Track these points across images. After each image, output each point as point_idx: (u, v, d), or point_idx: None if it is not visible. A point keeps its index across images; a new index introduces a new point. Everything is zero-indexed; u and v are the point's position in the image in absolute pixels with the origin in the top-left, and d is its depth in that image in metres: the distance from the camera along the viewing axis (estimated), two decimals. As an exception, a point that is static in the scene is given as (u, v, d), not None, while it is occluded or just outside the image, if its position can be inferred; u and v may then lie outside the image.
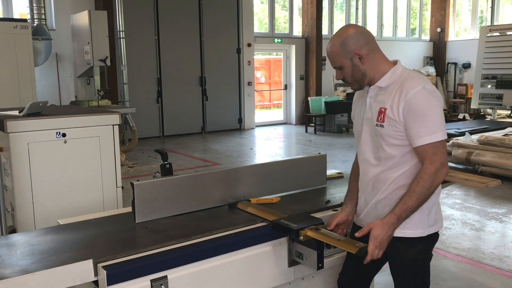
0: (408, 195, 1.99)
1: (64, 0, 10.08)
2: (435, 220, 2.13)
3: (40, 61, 9.12)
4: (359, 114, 2.23)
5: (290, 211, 2.43)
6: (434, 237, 2.15)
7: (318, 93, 13.81)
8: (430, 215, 2.10)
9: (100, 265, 1.84)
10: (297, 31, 14.33)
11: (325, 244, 2.13)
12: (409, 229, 2.08)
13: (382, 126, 2.04)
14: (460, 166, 5.68)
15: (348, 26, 2.13)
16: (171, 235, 2.12)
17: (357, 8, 15.01)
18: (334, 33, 2.57)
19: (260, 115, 15.05)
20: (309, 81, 14.09)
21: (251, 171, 2.68)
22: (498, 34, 12.68)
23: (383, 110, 2.04)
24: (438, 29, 16.98)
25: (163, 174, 2.79)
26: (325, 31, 14.36)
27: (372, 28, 15.84)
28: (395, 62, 2.12)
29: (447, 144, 6.10)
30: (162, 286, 1.90)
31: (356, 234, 2.06)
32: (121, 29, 9.66)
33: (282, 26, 14.45)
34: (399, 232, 2.07)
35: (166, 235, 2.12)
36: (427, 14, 17.36)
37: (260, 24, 14.04)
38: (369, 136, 2.15)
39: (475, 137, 6.59)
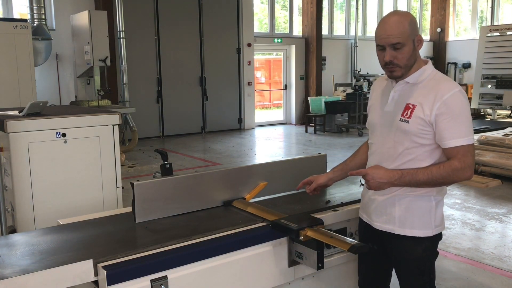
0: (423, 170, 1.97)
1: (64, 0, 10.07)
2: (441, 221, 2.17)
3: (40, 61, 9.12)
4: (378, 106, 2.18)
5: (290, 211, 2.43)
6: (439, 236, 2.19)
7: (318, 93, 13.81)
8: (437, 216, 2.13)
9: (100, 265, 1.84)
10: (297, 31, 14.32)
11: (325, 244, 2.13)
12: (418, 229, 2.11)
13: (408, 122, 2.00)
14: (460, 166, 5.71)
15: (406, 12, 2.07)
16: (171, 235, 2.12)
17: (357, 8, 15.00)
18: (333, 33, 2.55)
19: (260, 115, 15.04)
20: (309, 81, 14.09)
21: (251, 171, 2.68)
22: (498, 34, 12.69)
23: (411, 106, 2.00)
24: (438, 29, 16.98)
25: (163, 174, 2.79)
26: (325, 31, 14.35)
27: (372, 28, 15.83)
28: (425, 61, 2.08)
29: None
30: (162, 286, 1.90)
31: (353, 173, 2.10)
32: (121, 29, 9.66)
33: (282, 26, 14.44)
34: (408, 232, 2.11)
35: (166, 235, 2.12)
36: (427, 14, 17.36)
37: (260, 24, 14.03)
38: (386, 130, 2.10)
39: (475, 137, 6.61)
